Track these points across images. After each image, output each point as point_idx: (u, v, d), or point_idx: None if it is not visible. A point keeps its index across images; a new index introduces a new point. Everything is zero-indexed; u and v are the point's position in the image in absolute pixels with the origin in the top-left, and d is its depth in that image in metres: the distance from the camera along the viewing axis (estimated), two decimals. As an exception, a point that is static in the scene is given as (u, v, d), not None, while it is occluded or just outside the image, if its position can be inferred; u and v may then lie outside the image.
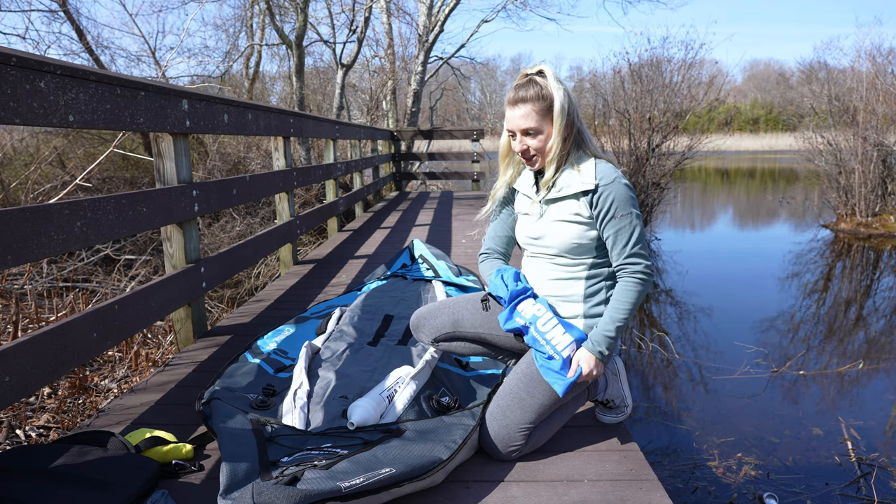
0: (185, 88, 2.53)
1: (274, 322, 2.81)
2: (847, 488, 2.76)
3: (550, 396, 1.58)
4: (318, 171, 5.04)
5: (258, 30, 13.23)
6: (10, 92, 1.47)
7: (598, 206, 1.58)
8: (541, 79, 1.60)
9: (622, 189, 1.58)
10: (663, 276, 7.02)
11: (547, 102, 1.58)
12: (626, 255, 1.59)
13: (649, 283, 1.61)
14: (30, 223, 1.54)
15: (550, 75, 1.61)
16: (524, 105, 1.59)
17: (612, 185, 1.58)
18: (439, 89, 24.17)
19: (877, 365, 4.21)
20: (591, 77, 13.36)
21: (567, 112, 1.59)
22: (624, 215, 1.58)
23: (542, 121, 1.59)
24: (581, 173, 1.61)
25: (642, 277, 1.59)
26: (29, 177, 6.52)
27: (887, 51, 10.81)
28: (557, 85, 1.59)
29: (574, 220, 1.62)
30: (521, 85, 1.61)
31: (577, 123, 1.63)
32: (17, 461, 1.37)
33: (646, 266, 1.60)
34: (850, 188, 10.05)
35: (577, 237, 1.62)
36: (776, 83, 49.08)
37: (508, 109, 1.64)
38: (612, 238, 1.59)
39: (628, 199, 1.58)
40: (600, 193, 1.58)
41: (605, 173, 1.59)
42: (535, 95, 1.58)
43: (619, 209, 1.57)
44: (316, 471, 1.31)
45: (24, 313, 3.20)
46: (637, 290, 1.59)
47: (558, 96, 1.58)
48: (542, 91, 1.58)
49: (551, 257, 1.67)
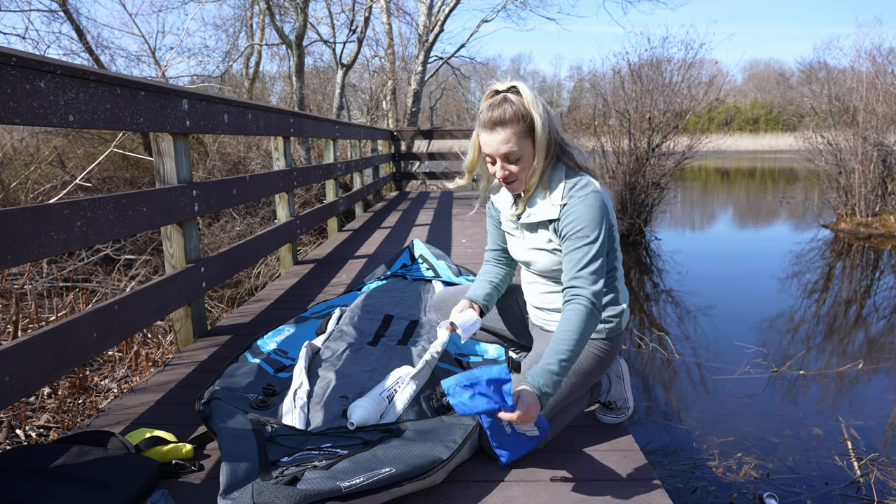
0: (185, 88, 2.53)
1: (274, 322, 2.81)
2: (847, 488, 2.76)
3: (554, 398, 1.58)
4: (318, 171, 5.04)
5: (258, 30, 13.23)
6: (10, 92, 1.47)
7: (560, 230, 1.53)
8: (515, 97, 1.48)
9: (584, 210, 1.48)
10: (663, 276, 7.02)
11: (527, 123, 1.48)
12: (571, 277, 1.48)
13: (595, 314, 1.45)
14: (30, 223, 1.54)
15: (526, 91, 1.49)
16: (503, 129, 1.47)
17: (575, 206, 1.49)
18: (439, 89, 24.17)
19: (877, 365, 4.21)
20: (591, 77, 13.35)
21: (549, 129, 1.50)
22: (580, 237, 1.48)
23: (523, 143, 1.49)
24: (550, 197, 1.53)
25: (583, 304, 1.44)
26: (29, 177, 6.52)
27: (887, 51, 10.81)
28: (535, 101, 1.48)
29: (549, 248, 1.58)
30: (496, 104, 1.48)
31: (556, 137, 1.54)
32: (17, 461, 1.37)
33: (592, 294, 1.45)
34: (850, 188, 10.04)
35: (555, 263, 1.60)
36: (776, 83, 49.10)
37: (485, 133, 1.51)
38: (566, 259, 1.50)
39: (590, 219, 1.48)
40: (561, 217, 1.51)
41: (573, 194, 1.51)
42: (514, 116, 1.47)
43: (576, 230, 1.48)
44: (316, 471, 1.31)
45: (24, 313, 3.20)
46: (579, 319, 1.43)
47: (538, 114, 1.47)
48: (520, 111, 1.47)
49: (540, 275, 1.69)
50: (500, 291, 1.84)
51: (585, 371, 1.62)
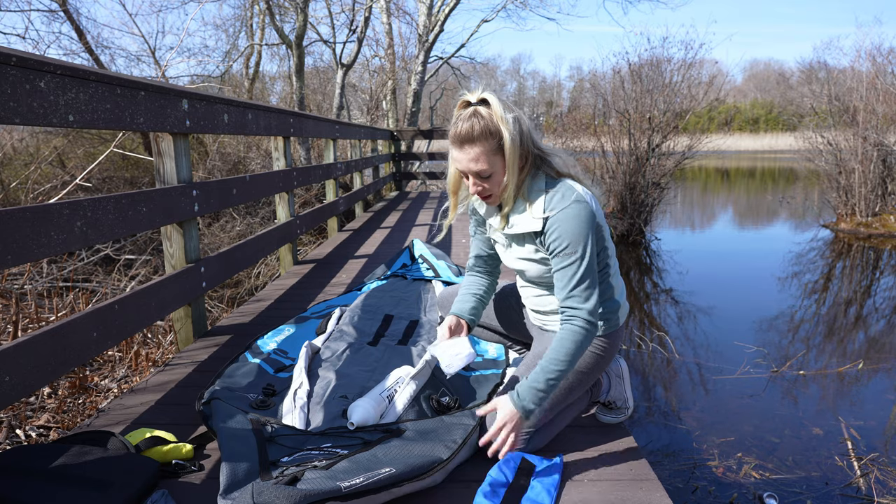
0: (185, 88, 2.53)
1: (274, 322, 2.81)
2: (847, 488, 2.76)
3: (552, 397, 1.58)
4: (318, 171, 5.04)
5: (258, 30, 13.24)
6: (10, 92, 1.47)
7: (546, 244, 1.50)
8: (485, 109, 1.44)
9: (567, 226, 1.45)
10: (663, 276, 7.02)
11: (496, 139, 1.44)
12: (565, 297, 1.47)
13: (590, 332, 1.46)
14: (30, 223, 1.54)
15: (495, 104, 1.44)
16: (472, 147, 1.44)
17: (558, 221, 1.46)
18: (439, 89, 24.17)
19: (877, 365, 4.21)
20: (591, 77, 13.36)
21: (520, 143, 1.46)
22: (567, 254, 1.45)
23: (494, 159, 1.46)
24: (530, 210, 1.50)
25: (578, 325, 1.45)
26: (29, 177, 6.52)
27: (887, 51, 10.82)
28: (504, 114, 1.43)
29: (536, 258, 1.57)
30: (465, 118, 1.45)
31: (532, 149, 1.50)
32: (17, 461, 1.37)
33: (587, 313, 1.45)
34: (850, 188, 10.05)
35: (544, 272, 1.59)
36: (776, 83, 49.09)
37: (455, 149, 1.49)
38: (557, 277, 1.49)
39: (575, 234, 1.45)
40: (546, 230, 1.48)
41: (555, 206, 1.47)
42: (482, 133, 1.43)
43: (562, 247, 1.46)
44: (316, 471, 1.31)
45: (24, 313, 3.20)
46: (573, 340, 1.44)
47: (507, 130, 1.43)
48: (488, 126, 1.43)
49: (531, 282, 1.69)
50: (484, 303, 1.83)
51: (585, 370, 1.62)
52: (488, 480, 1.39)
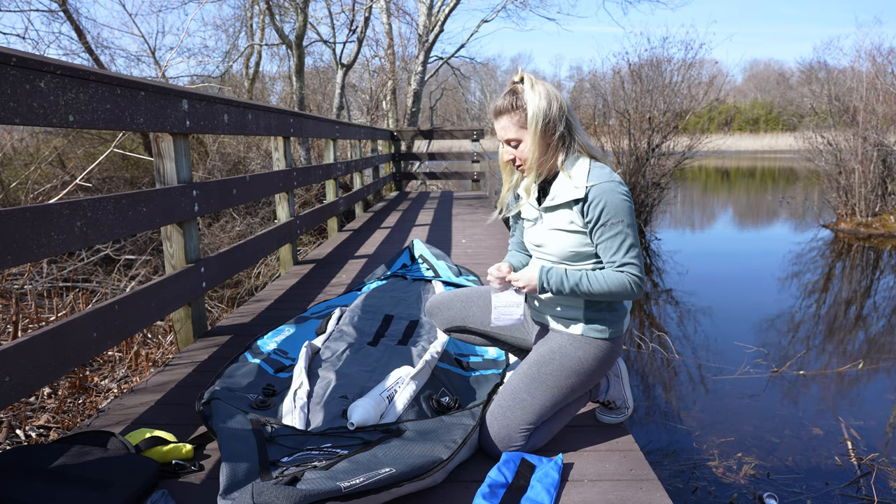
0: (185, 88, 2.53)
1: (274, 322, 2.81)
2: (847, 488, 2.76)
3: (552, 398, 1.58)
4: (318, 171, 5.04)
5: (258, 30, 13.24)
6: (10, 92, 1.47)
7: (589, 215, 1.54)
8: (520, 86, 1.59)
9: (614, 197, 1.52)
10: (663, 276, 7.01)
11: (524, 112, 1.57)
12: (620, 257, 1.54)
13: (637, 290, 1.54)
14: (30, 223, 1.54)
15: (528, 82, 1.58)
16: (502, 117, 1.60)
17: (603, 192, 1.52)
18: (439, 89, 24.17)
19: (877, 365, 4.21)
20: (591, 77, 13.36)
21: (544, 119, 1.55)
22: (614, 224, 1.52)
23: (521, 130, 1.58)
24: (572, 179, 1.57)
25: (629, 274, 1.53)
26: (29, 177, 6.52)
27: (887, 51, 10.84)
28: (533, 92, 1.56)
29: (570, 228, 1.59)
30: (504, 94, 1.61)
31: (560, 128, 1.58)
32: (17, 461, 1.37)
33: (640, 271, 1.54)
34: (850, 188, 10.05)
35: (574, 246, 1.60)
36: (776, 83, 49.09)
37: (494, 121, 1.65)
38: (603, 247, 1.55)
39: (621, 208, 1.52)
40: (590, 201, 1.53)
41: (598, 179, 1.54)
42: (511, 105, 1.58)
43: (610, 219, 1.52)
44: (316, 471, 1.31)
45: (24, 313, 3.20)
46: (618, 281, 1.52)
47: (532, 104, 1.55)
48: (517, 101, 1.57)
49: (550, 260, 1.68)
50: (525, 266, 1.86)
51: (586, 371, 1.61)
52: (488, 481, 1.39)
